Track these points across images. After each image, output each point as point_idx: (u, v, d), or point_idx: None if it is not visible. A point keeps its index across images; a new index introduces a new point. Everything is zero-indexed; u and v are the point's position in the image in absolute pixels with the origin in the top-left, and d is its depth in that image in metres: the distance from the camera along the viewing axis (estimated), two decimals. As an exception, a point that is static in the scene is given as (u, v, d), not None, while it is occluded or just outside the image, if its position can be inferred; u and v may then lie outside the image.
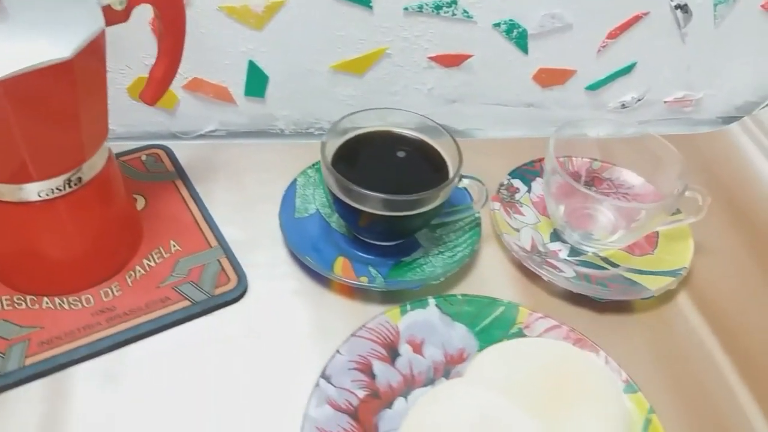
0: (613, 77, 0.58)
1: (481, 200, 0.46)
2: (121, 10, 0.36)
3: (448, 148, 0.46)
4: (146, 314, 0.41)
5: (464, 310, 0.42)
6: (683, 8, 0.54)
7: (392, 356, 0.40)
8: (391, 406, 0.38)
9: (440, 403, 0.35)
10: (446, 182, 0.43)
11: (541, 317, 0.42)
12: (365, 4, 0.49)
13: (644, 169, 0.51)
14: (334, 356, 0.38)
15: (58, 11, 0.33)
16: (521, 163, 0.54)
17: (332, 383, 0.37)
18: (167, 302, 0.41)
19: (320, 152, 0.43)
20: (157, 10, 0.38)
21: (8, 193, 0.36)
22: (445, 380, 0.39)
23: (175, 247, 0.45)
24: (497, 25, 0.52)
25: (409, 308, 0.42)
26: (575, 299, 0.46)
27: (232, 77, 0.52)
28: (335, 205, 0.45)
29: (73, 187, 0.38)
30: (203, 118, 0.55)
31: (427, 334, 0.41)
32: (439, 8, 0.50)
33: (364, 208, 0.43)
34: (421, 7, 0.50)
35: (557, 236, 0.50)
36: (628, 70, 0.57)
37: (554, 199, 0.48)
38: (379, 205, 0.42)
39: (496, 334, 0.41)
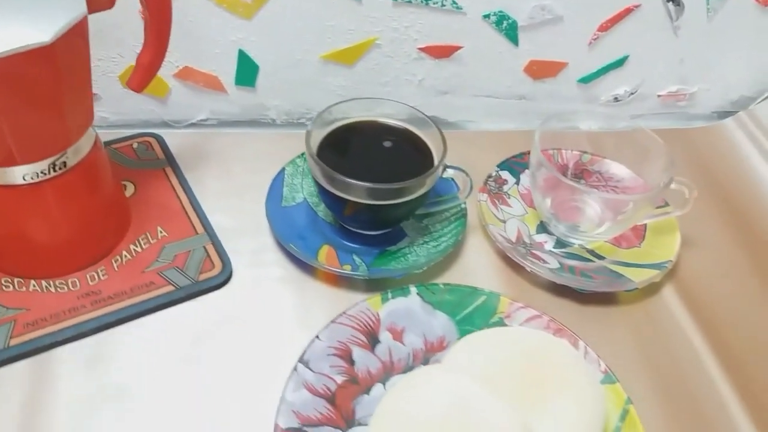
0: (605, 70, 0.58)
1: (466, 190, 0.46)
2: (105, -4, 0.36)
3: (434, 138, 0.46)
4: (130, 298, 0.41)
5: (446, 299, 0.42)
6: (675, 1, 0.54)
7: (372, 343, 0.40)
8: (369, 392, 0.38)
9: (414, 388, 0.35)
10: (429, 171, 0.43)
11: (522, 307, 0.42)
12: (355, -6, 0.50)
13: (633, 162, 0.51)
14: (313, 342, 0.39)
15: (41, -4, 0.33)
16: (512, 155, 0.54)
17: (310, 368, 0.38)
18: (152, 287, 0.42)
19: (305, 141, 0.43)
20: (142, -3, 0.39)
21: (-7, 176, 0.37)
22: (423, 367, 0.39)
23: (162, 233, 0.45)
24: (487, 16, 0.52)
25: (390, 296, 0.42)
26: (559, 291, 0.46)
27: (222, 66, 0.53)
28: (320, 194, 0.46)
29: (58, 171, 0.38)
30: (194, 106, 0.55)
31: (407, 322, 0.41)
32: (428, -1, 0.50)
33: (348, 197, 0.43)
34: (410, -3, 0.50)
35: (544, 228, 0.50)
36: (620, 63, 0.57)
37: (540, 191, 0.48)
38: (363, 194, 0.42)
39: (477, 323, 0.42)
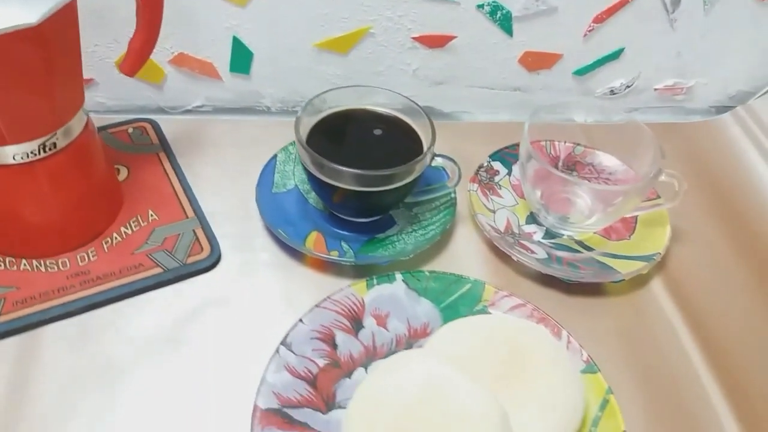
0: (600, 62, 0.57)
1: (454, 179, 0.47)
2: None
3: (424, 127, 0.46)
4: (119, 279, 0.42)
5: (431, 286, 0.43)
6: (671, -7, 0.53)
7: (356, 328, 0.41)
8: (350, 375, 0.39)
9: (393, 372, 0.36)
10: (417, 158, 0.43)
11: (506, 295, 0.42)
12: (349, -18, 0.50)
13: (626, 154, 0.51)
14: (296, 325, 0.39)
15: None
16: (504, 146, 0.54)
17: (293, 351, 0.38)
18: (140, 268, 0.42)
19: (294, 127, 0.44)
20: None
21: (-15, 155, 0.37)
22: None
23: (152, 216, 0.46)
24: (481, 6, 0.52)
25: (375, 282, 0.42)
26: (546, 281, 0.46)
27: (217, 53, 0.53)
28: (310, 181, 0.46)
29: (48, 152, 0.39)
30: (190, 93, 0.56)
31: (392, 308, 0.42)
32: (422, -12, 0.51)
33: (337, 183, 0.43)
34: (404, -14, 0.50)
35: (533, 219, 0.50)
36: (616, 55, 0.57)
37: (530, 182, 0.48)
38: (351, 180, 0.43)
39: (461, 310, 0.42)
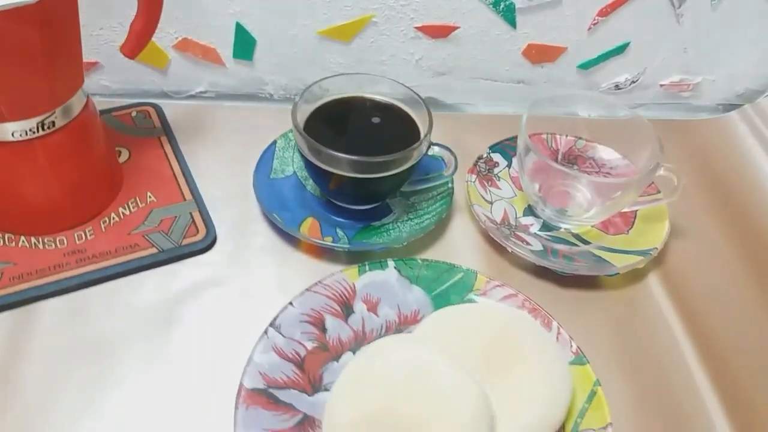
0: (605, 57, 0.57)
1: (451, 168, 0.47)
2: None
3: (423, 116, 0.46)
4: (114, 258, 0.42)
5: (423, 274, 0.43)
6: (678, -13, 0.53)
7: (346, 313, 0.41)
8: (338, 359, 0.39)
9: (377, 355, 0.36)
10: (414, 145, 0.43)
11: (498, 285, 0.42)
12: (351, -30, 0.50)
13: (627, 149, 0.50)
14: (285, 308, 0.39)
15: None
16: (505, 138, 0.54)
17: (281, 333, 0.38)
18: (136, 248, 0.43)
19: (291, 114, 0.44)
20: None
21: (-15, 131, 0.38)
22: (393, 338, 0.40)
23: (150, 198, 0.47)
24: (484, -4, 0.52)
25: (368, 268, 0.42)
26: (541, 273, 0.46)
27: (220, 39, 0.53)
28: (307, 167, 0.46)
29: (46, 130, 0.39)
30: (193, 78, 0.56)
31: (383, 294, 0.42)
32: (425, -23, 0.50)
33: (333, 170, 0.43)
34: (407, -25, 0.50)
35: (531, 211, 0.50)
36: (621, 50, 0.57)
37: (529, 175, 0.48)
38: (348, 167, 0.43)
39: (452, 299, 0.42)
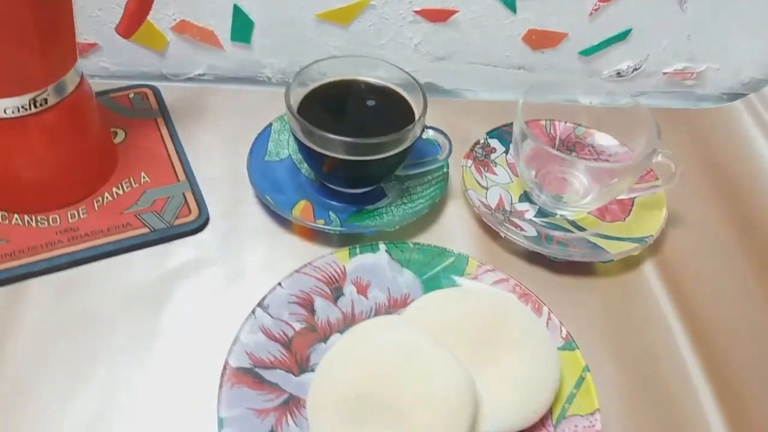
0: (607, 43, 0.56)
1: (445, 151, 0.46)
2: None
3: (418, 99, 0.46)
4: (106, 237, 0.42)
5: (414, 257, 0.42)
6: (681, -27, 0.52)
7: (335, 295, 0.41)
8: (326, 341, 0.39)
9: (363, 335, 0.36)
10: (407, 127, 0.43)
11: (489, 270, 0.42)
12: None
13: (626, 135, 0.50)
14: (274, 288, 0.39)
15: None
16: (503, 124, 0.53)
17: (269, 313, 0.38)
18: (128, 228, 0.43)
19: (284, 95, 0.44)
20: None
21: (-23, 107, 0.38)
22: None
23: (144, 178, 0.47)
24: (483, -20, 0.51)
25: (358, 251, 0.42)
26: (535, 260, 0.45)
27: (218, 21, 0.53)
28: (300, 150, 0.46)
29: (39, 107, 0.39)
30: (192, 61, 0.56)
31: (373, 277, 0.42)
32: (424, -40, 0.50)
33: (326, 152, 0.43)
34: (406, -42, 0.50)
35: (527, 197, 0.49)
36: (623, 36, 0.56)
37: (525, 161, 0.48)
38: (341, 148, 0.43)
39: (443, 283, 0.42)
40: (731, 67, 0.59)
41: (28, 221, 0.43)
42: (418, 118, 0.44)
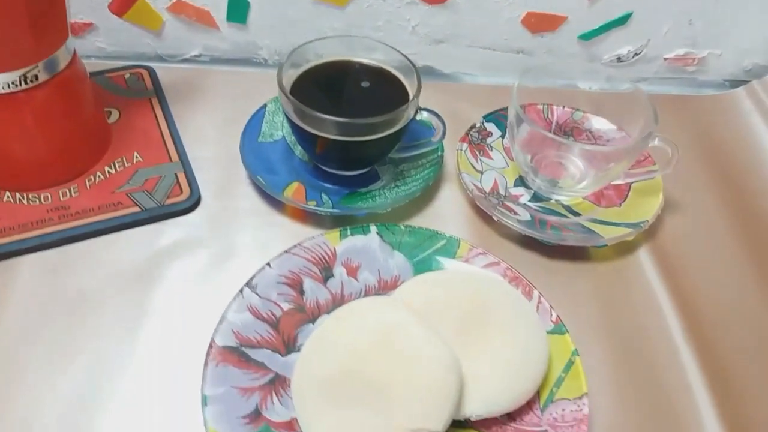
0: (607, 27, 0.55)
1: (439, 134, 0.46)
2: None
3: (413, 81, 0.45)
4: (97, 215, 0.42)
5: (405, 240, 0.42)
6: (683, -45, 0.51)
7: (325, 276, 0.40)
8: (314, 321, 0.39)
9: (351, 316, 0.35)
10: (401, 107, 0.42)
11: (480, 253, 0.41)
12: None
13: (624, 120, 0.49)
14: (263, 268, 0.39)
15: None
16: (500, 108, 0.53)
17: (257, 293, 0.38)
18: (119, 206, 0.43)
19: (276, 76, 0.43)
20: None
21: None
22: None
23: (137, 158, 0.46)
24: (481, -39, 0.51)
25: (349, 233, 0.42)
26: (528, 244, 0.45)
27: (214, 1, 0.53)
28: (293, 131, 0.46)
29: (29, 83, 0.39)
30: (188, 41, 0.56)
31: (364, 259, 0.41)
32: (422, -59, 0.49)
33: (319, 132, 0.43)
34: (404, -62, 0.49)
35: (522, 182, 0.49)
36: (623, 20, 0.55)
37: (521, 145, 0.47)
38: (333, 129, 0.42)
39: (434, 265, 0.41)
40: (734, 52, 0.58)
41: (19, 199, 0.43)
42: (411, 98, 0.43)
